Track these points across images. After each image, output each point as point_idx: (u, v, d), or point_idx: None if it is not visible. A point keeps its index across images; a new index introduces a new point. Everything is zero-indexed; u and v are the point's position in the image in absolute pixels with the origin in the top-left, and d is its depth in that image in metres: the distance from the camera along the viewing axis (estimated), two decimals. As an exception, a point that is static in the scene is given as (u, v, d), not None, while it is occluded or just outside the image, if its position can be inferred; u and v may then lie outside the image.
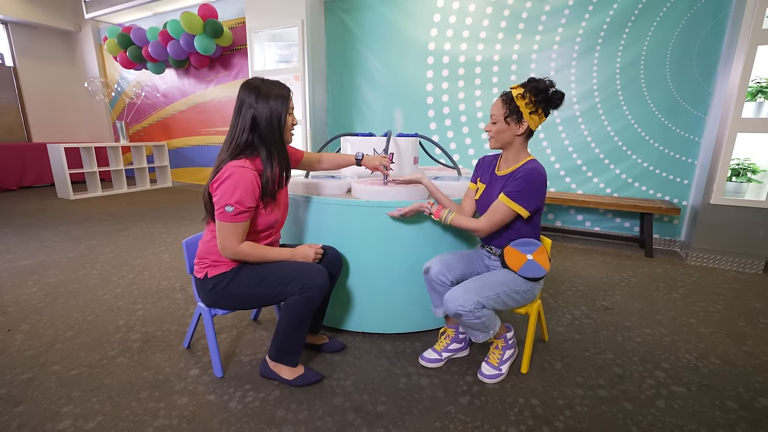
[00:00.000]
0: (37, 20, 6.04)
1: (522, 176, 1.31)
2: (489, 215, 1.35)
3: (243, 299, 1.35)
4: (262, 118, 1.26)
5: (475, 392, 1.37)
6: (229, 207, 1.21)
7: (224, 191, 1.21)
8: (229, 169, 1.22)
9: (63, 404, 1.28)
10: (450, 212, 1.42)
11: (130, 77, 6.24)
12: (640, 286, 2.37)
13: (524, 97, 1.28)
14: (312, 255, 1.38)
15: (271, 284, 1.30)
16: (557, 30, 3.21)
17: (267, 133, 1.28)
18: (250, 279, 1.32)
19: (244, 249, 1.28)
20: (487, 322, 1.31)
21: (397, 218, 1.55)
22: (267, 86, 1.28)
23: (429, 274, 1.46)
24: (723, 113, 2.59)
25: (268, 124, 1.27)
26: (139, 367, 1.49)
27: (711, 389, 1.41)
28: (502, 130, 1.34)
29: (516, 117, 1.31)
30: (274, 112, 1.28)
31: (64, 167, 4.86)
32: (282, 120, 1.30)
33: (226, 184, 1.22)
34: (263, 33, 4.16)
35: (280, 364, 1.39)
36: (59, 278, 2.36)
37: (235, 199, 1.21)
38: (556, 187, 3.48)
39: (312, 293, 1.29)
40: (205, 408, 1.27)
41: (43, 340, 1.67)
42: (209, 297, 1.35)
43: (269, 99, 1.26)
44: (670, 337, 1.77)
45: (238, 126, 1.27)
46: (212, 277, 1.32)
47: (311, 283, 1.28)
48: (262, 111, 1.26)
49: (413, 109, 3.95)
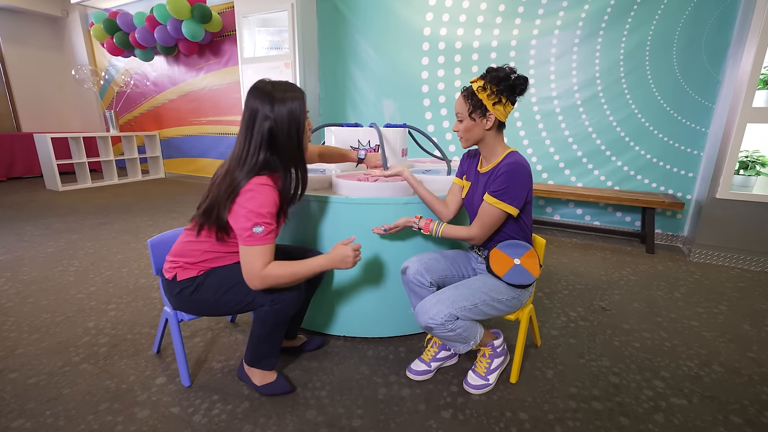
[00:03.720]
0: (22, 5, 5.84)
1: (504, 172, 1.20)
2: (480, 220, 1.24)
3: (210, 307, 1.24)
4: (280, 128, 1.11)
5: (460, 405, 1.27)
6: (258, 228, 1.07)
7: (250, 211, 1.07)
8: (253, 188, 1.09)
9: (14, 417, 1.19)
10: (440, 224, 1.31)
11: (120, 65, 6.07)
12: (639, 284, 2.26)
13: (485, 89, 1.18)
14: (352, 257, 1.17)
15: (239, 293, 1.19)
16: (558, 14, 3.04)
17: (285, 143, 1.13)
18: (218, 286, 1.21)
19: (274, 271, 1.11)
20: (465, 333, 1.20)
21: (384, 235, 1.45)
22: (280, 90, 1.12)
23: (406, 275, 1.36)
24: (732, 102, 2.45)
25: (287, 134, 1.13)
26: (102, 375, 1.40)
27: (713, 401, 1.31)
28: (470, 128, 1.24)
29: (480, 111, 1.21)
30: (292, 118, 1.12)
31: (51, 158, 4.74)
32: (301, 127, 1.16)
33: (255, 203, 1.08)
34: (253, 18, 3.99)
35: (254, 368, 1.30)
36: (33, 275, 2.27)
37: (265, 219, 1.08)
38: (554, 179, 3.36)
39: (285, 303, 1.19)
40: (166, 422, 1.18)
41: (5, 344, 1.58)
42: (176, 300, 1.25)
43: (285, 103, 1.11)
44: (671, 341, 1.67)
45: (253, 140, 1.11)
46: (180, 281, 1.22)
47: (284, 295, 1.18)
48: (279, 120, 1.11)
49: (408, 98, 3.80)
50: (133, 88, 6.01)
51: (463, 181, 1.42)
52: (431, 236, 1.42)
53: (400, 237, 1.51)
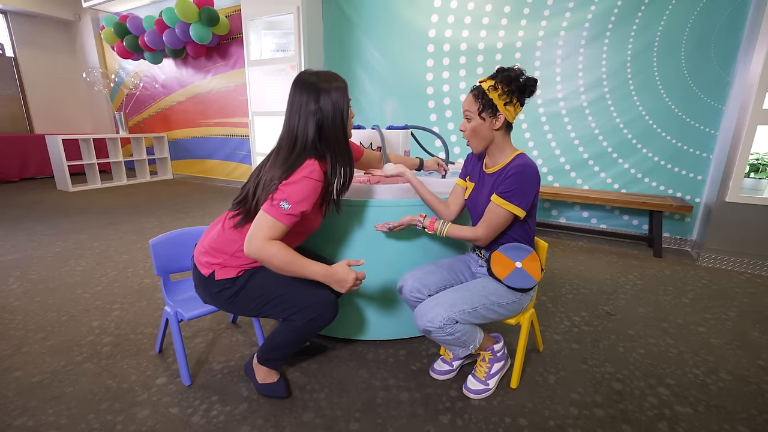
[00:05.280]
0: (36, 10, 5.97)
1: (513, 174, 1.19)
2: (487, 221, 1.23)
3: (243, 310, 1.23)
4: (327, 119, 1.13)
5: (458, 409, 1.26)
6: (285, 203, 1.08)
7: (289, 188, 1.09)
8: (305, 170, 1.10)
9: (17, 415, 1.21)
10: (445, 224, 1.29)
11: (130, 67, 6.16)
12: (646, 289, 2.22)
13: (496, 89, 1.17)
14: (350, 284, 1.11)
15: (278, 307, 1.17)
16: (564, 15, 3.02)
17: (331, 134, 1.15)
18: (260, 296, 1.18)
19: (272, 247, 1.07)
20: (464, 337, 1.19)
21: (387, 233, 1.44)
22: (324, 80, 1.14)
23: (403, 293, 1.34)
24: (743, 104, 2.40)
25: (332, 124, 1.15)
26: (104, 374, 1.41)
27: (720, 410, 1.28)
28: (478, 127, 1.22)
29: (491, 111, 1.20)
30: (337, 108, 1.14)
31: (62, 159, 4.83)
32: (345, 116, 1.17)
33: (296, 182, 1.09)
34: (259, 21, 4.02)
35: (262, 366, 1.31)
36: (41, 275, 2.30)
37: (296, 199, 1.09)
38: (560, 181, 3.32)
39: (318, 324, 1.18)
40: (165, 422, 1.19)
41: (11, 342, 1.60)
42: (212, 298, 1.23)
43: (330, 94, 1.13)
44: (677, 348, 1.64)
45: (301, 130, 1.14)
46: (219, 280, 1.18)
47: (321, 317, 1.17)
48: (326, 110, 1.13)
49: (413, 99, 3.79)
50: (143, 91, 6.09)
51: (466, 182, 1.41)
52: (435, 235, 1.41)
53: (403, 238, 1.51)
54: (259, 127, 4.24)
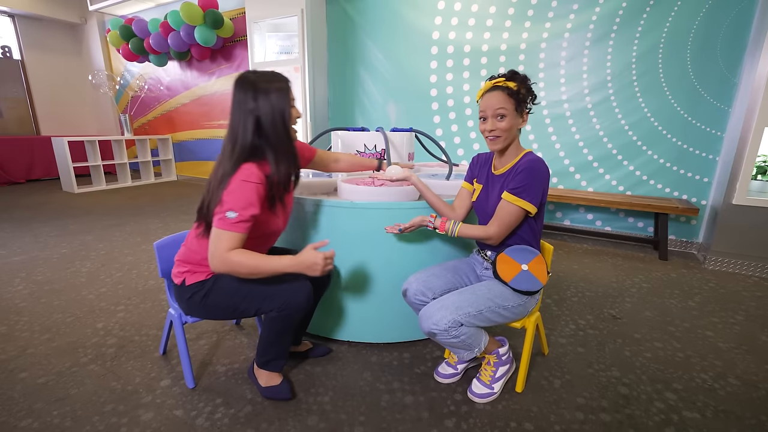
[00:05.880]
0: (43, 13, 6.03)
1: (524, 169, 1.19)
2: (499, 218, 1.22)
3: (219, 311, 1.25)
4: (265, 118, 1.14)
5: (463, 413, 1.25)
6: (231, 213, 1.08)
7: (229, 197, 1.09)
8: (241, 174, 1.11)
9: (22, 417, 1.21)
10: (456, 223, 1.28)
11: (135, 70, 6.20)
12: (652, 292, 2.21)
13: (521, 90, 1.18)
14: (321, 265, 1.11)
15: (248, 300, 1.19)
16: (569, 16, 3.01)
17: (272, 133, 1.15)
18: (228, 291, 1.21)
19: (234, 257, 1.09)
20: (469, 340, 1.19)
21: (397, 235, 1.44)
22: (263, 80, 1.14)
23: (407, 296, 1.34)
24: (749, 106, 2.38)
25: (272, 123, 1.15)
26: (109, 376, 1.42)
27: (729, 416, 1.26)
28: (511, 126, 1.21)
29: (522, 108, 1.21)
30: (276, 108, 1.14)
31: (68, 161, 4.86)
32: (286, 116, 1.17)
33: (237, 190, 1.09)
34: (264, 23, 4.04)
35: (262, 369, 1.31)
36: (47, 276, 2.32)
37: (240, 205, 1.09)
38: (565, 183, 3.31)
39: (291, 311, 1.19)
40: (169, 425, 1.19)
41: (17, 344, 1.61)
42: (186, 306, 1.26)
43: (269, 94, 1.13)
44: (684, 352, 1.62)
45: (240, 129, 1.14)
46: (190, 285, 1.22)
47: (292, 301, 1.18)
48: (263, 110, 1.13)
49: (416, 101, 3.79)
50: (147, 93, 6.13)
51: (473, 185, 1.41)
52: (445, 236, 1.40)
53: (407, 239, 1.50)
54: (262, 129, 4.25)
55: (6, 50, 6.12)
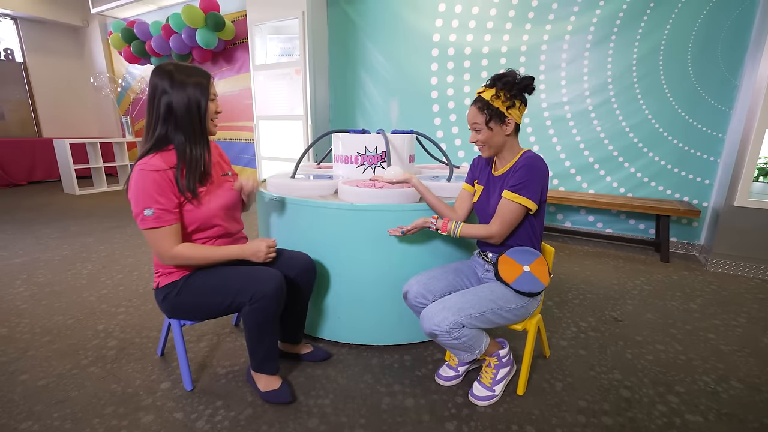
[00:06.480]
0: (45, 16, 6.05)
1: (522, 166, 1.20)
2: (500, 217, 1.23)
3: (195, 310, 1.26)
4: (178, 107, 1.15)
5: (465, 416, 1.25)
6: (147, 210, 1.10)
7: (135, 196, 1.10)
8: (135, 172, 1.12)
9: (22, 419, 1.21)
10: (458, 224, 1.29)
11: (137, 72, 6.21)
12: (653, 294, 2.20)
13: (498, 97, 1.18)
14: (264, 250, 1.23)
15: (219, 294, 1.21)
16: (569, 18, 3.01)
17: (185, 123, 1.16)
18: (198, 289, 1.23)
19: (182, 251, 1.15)
20: (470, 341, 1.18)
21: (400, 237, 1.44)
22: (181, 72, 1.15)
23: (408, 299, 1.34)
24: (751, 107, 2.38)
25: (187, 113, 1.16)
26: (109, 378, 1.41)
27: (731, 419, 1.25)
28: (490, 137, 1.24)
29: (498, 119, 1.21)
30: (192, 99, 1.16)
31: (69, 162, 4.87)
32: (202, 108, 1.18)
33: (136, 187, 1.10)
34: (265, 26, 4.05)
35: (259, 373, 1.31)
36: (48, 278, 2.32)
37: (152, 200, 1.10)
38: (566, 185, 3.30)
39: (263, 302, 1.18)
40: (170, 428, 1.18)
41: (17, 346, 1.61)
42: (164, 307, 1.27)
43: (184, 83, 1.14)
44: (686, 354, 1.61)
45: (153, 116, 1.16)
46: (163, 287, 1.24)
47: (261, 291, 1.18)
48: (177, 99, 1.14)
49: (417, 103, 3.79)
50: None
51: (473, 186, 1.41)
52: (447, 237, 1.40)
53: (409, 241, 1.50)
54: (264, 131, 4.27)
55: (8, 53, 6.15)
